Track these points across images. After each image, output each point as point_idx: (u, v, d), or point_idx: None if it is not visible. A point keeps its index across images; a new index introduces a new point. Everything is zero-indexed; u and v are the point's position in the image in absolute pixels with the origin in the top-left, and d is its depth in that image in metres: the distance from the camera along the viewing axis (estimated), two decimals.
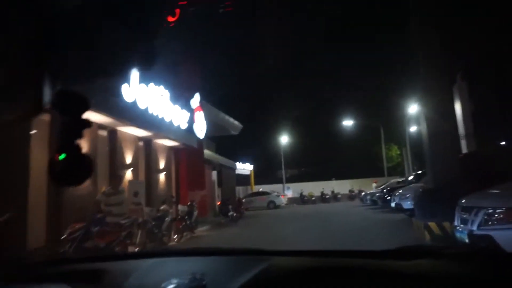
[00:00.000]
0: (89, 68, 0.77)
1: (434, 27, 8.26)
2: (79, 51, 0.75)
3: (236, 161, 27.27)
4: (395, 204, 12.54)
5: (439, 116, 8.19)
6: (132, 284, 1.00)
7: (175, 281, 0.93)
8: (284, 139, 36.50)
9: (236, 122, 22.33)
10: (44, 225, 7.05)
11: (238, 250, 1.26)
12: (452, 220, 7.00)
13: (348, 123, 29.58)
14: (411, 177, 16.07)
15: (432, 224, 7.40)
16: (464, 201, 5.40)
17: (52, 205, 7.22)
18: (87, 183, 8.79)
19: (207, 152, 18.08)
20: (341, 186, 34.90)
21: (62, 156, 0.76)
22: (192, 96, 15.42)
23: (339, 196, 32.40)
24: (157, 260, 1.20)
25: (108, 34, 0.75)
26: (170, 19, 10.81)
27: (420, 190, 10.23)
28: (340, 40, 32.54)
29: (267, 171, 41.20)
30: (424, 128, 8.71)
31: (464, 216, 5.07)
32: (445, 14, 8.11)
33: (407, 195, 11.90)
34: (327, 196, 32.07)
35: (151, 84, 11.02)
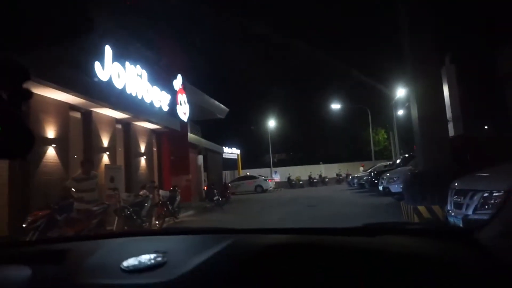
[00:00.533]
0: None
1: (422, 7, 7.86)
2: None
3: (223, 146, 26.79)
4: (383, 187, 12.25)
5: (428, 98, 7.82)
6: (94, 263, 0.98)
7: (136, 259, 0.94)
8: (271, 123, 36.03)
9: (222, 106, 21.76)
10: (6, 214, 6.44)
11: (204, 229, 1.27)
12: (442, 204, 6.71)
13: (335, 106, 29.19)
14: (398, 161, 15.84)
15: (421, 208, 7.07)
16: (457, 184, 5.03)
17: (16, 192, 6.60)
18: (58, 169, 8.21)
19: (192, 136, 17.54)
20: (329, 170, 34.90)
21: None
22: (174, 77, 14.75)
23: (327, 180, 32.37)
24: (122, 240, 1.21)
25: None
26: None
27: (409, 173, 9.92)
28: (328, 22, 31.89)
29: (255, 155, 40.91)
30: (413, 111, 8.34)
31: (458, 200, 4.69)
32: None
33: (395, 179, 11.61)
34: (315, 180, 32.02)
35: (127, 63, 10.34)
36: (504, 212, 0.90)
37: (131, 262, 0.92)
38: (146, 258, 0.94)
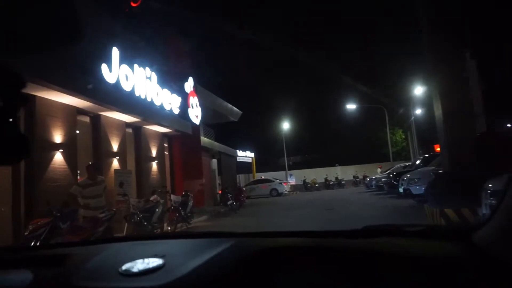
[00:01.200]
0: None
1: (444, 1, 7.37)
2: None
3: (237, 149, 26.47)
4: (403, 189, 11.60)
5: (453, 92, 7.25)
6: (92, 267, 0.97)
7: (134, 262, 0.94)
8: (286, 126, 35.50)
9: (235, 108, 21.47)
10: (10, 222, 6.17)
11: (204, 233, 1.29)
12: (472, 206, 6.11)
13: (351, 107, 28.48)
14: (418, 161, 15.13)
15: (448, 211, 6.47)
16: (491, 185, 4.49)
17: (20, 199, 6.33)
18: (66, 174, 7.97)
19: (205, 140, 17.28)
20: (345, 172, 34.13)
21: None
22: (185, 80, 14.50)
23: (343, 182, 31.66)
24: (121, 244, 1.21)
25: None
26: (133, 4, 10.01)
27: (432, 174, 9.29)
28: (344, 19, 31.27)
29: (269, 158, 40.38)
30: (436, 107, 7.77)
31: (495, 202, 4.13)
32: None
33: (416, 180, 10.97)
34: (331, 183, 31.36)
35: (136, 66, 10.11)
36: (502, 210, 0.82)
37: (129, 265, 0.93)
38: (144, 261, 0.94)
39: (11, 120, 0.69)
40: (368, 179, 23.90)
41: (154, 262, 0.92)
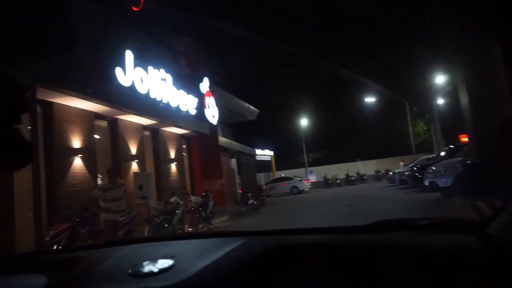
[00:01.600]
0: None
1: None
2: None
3: (255, 148, 26.34)
4: (429, 182, 11.15)
5: (481, 78, 6.84)
6: (103, 270, 1.00)
7: (144, 264, 0.96)
8: (304, 122, 35.04)
9: (251, 107, 21.32)
10: (32, 228, 6.21)
11: (214, 232, 1.38)
12: (504, 198, 5.74)
13: (370, 99, 27.80)
14: (442, 153, 14.55)
15: (480, 204, 6.09)
16: None
17: (41, 204, 6.38)
18: (86, 179, 8.00)
19: (223, 139, 17.20)
20: (367, 167, 33.48)
21: None
22: (200, 81, 14.44)
23: (365, 177, 31.04)
24: (132, 246, 1.20)
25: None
26: (135, 8, 9.97)
27: (459, 165, 8.85)
28: (362, 12, 30.57)
29: (288, 156, 39.97)
30: (462, 95, 7.37)
31: None
32: None
33: (442, 172, 10.50)
34: (353, 178, 30.82)
35: (150, 68, 10.10)
36: None
37: (138, 267, 0.94)
38: (154, 262, 0.95)
39: (13, 126, 0.69)
40: (390, 173, 23.29)
41: (164, 263, 0.94)
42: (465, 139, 14.14)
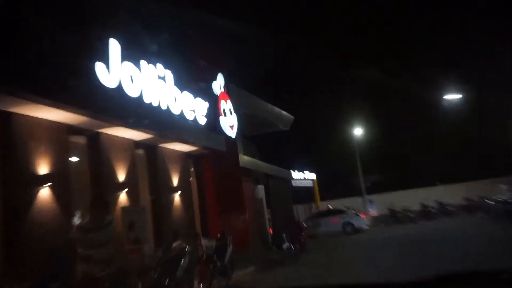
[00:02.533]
0: None
1: None
2: None
3: (291, 169, 26.25)
4: None
5: None
6: None
7: None
8: (358, 132, 34.59)
9: (284, 113, 21.35)
10: None
11: None
12: None
13: (451, 97, 26.92)
14: None
15: None
16: None
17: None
18: (58, 216, 8.02)
19: (245, 159, 17.28)
20: (450, 193, 32.54)
21: None
22: (214, 78, 14.48)
23: (451, 208, 30.03)
24: None
25: None
26: None
27: None
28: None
29: (337, 180, 39.49)
30: None
31: None
32: None
33: None
34: (432, 210, 29.88)
35: (143, 63, 10.25)
36: None
37: None
38: None
39: None
40: (488, 201, 22.42)
41: None
42: None
